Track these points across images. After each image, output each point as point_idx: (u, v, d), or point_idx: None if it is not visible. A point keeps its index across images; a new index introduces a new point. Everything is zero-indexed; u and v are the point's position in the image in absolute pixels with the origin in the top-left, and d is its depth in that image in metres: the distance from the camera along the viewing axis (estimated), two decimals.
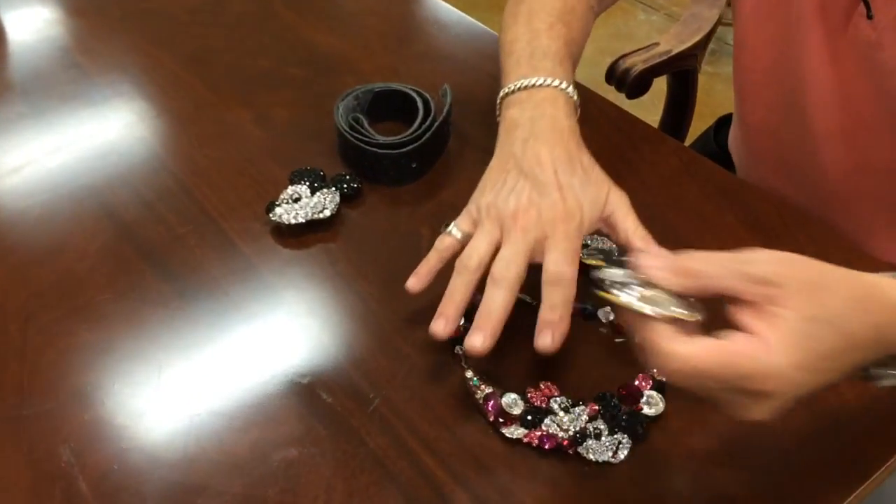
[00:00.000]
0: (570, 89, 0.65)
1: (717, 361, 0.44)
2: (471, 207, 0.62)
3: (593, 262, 0.53)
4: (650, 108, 1.07)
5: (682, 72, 1.06)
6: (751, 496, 0.54)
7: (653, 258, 0.47)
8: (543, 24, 0.69)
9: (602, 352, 0.62)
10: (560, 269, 0.56)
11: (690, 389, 0.46)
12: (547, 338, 0.54)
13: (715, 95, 1.21)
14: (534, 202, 0.59)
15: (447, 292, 0.58)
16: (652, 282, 0.46)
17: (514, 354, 0.59)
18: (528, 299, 0.63)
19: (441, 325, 0.57)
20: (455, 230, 0.61)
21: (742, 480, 0.55)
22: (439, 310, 0.57)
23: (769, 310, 0.44)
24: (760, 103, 0.81)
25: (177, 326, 0.64)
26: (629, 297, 0.46)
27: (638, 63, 0.98)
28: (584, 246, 0.68)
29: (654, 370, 0.54)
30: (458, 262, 0.58)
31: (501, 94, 0.67)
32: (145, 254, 0.69)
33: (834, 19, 0.70)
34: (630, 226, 0.60)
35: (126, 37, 0.94)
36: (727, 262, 0.45)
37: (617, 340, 0.62)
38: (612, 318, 0.63)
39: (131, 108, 0.84)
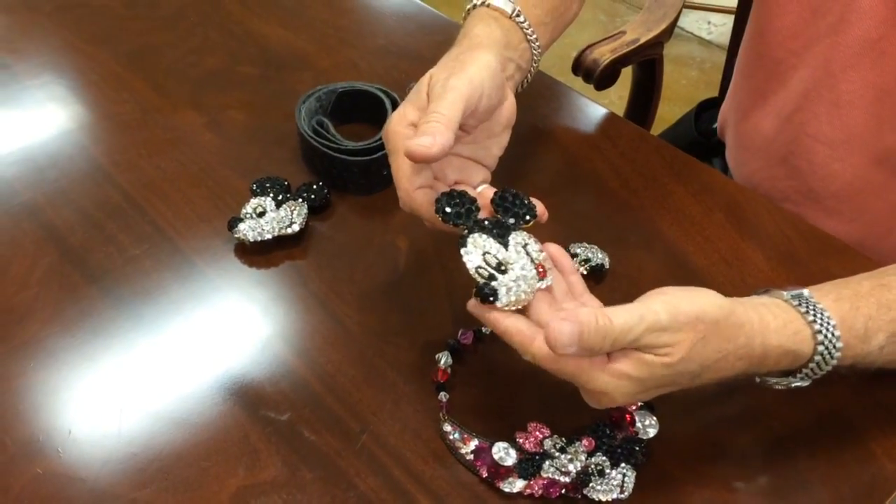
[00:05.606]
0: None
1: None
2: None
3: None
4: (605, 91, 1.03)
5: (647, 60, 1.03)
6: None
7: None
8: None
9: None
10: None
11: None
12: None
13: (666, 77, 1.18)
14: None
15: None
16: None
17: (491, 395, 0.54)
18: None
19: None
20: None
21: None
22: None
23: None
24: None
25: (135, 361, 0.58)
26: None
27: (606, 54, 0.94)
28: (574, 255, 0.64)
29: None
30: None
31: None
32: (95, 279, 0.62)
33: None
34: None
35: (58, 34, 0.86)
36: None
37: None
38: None
39: (69, 114, 0.77)
